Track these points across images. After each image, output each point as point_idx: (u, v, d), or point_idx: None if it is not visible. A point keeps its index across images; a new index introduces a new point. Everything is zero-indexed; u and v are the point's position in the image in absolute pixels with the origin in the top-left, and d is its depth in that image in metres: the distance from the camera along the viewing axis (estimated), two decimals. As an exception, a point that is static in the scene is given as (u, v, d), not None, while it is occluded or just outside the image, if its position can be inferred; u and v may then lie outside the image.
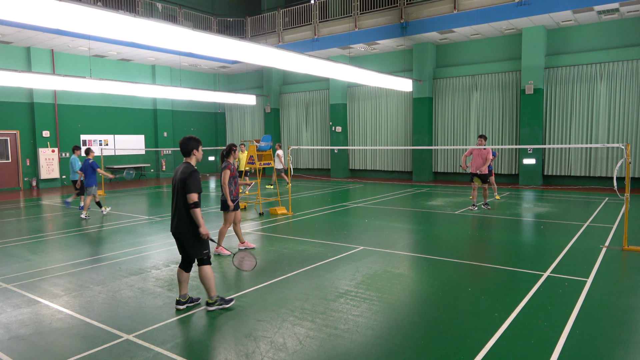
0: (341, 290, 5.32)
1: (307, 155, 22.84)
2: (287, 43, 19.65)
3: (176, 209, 4.66)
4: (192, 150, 4.75)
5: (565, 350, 3.74)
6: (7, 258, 7.10)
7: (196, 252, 4.70)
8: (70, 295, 5.30)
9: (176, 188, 4.65)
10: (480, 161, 10.78)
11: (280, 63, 10.76)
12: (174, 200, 4.69)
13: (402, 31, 16.56)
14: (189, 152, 4.76)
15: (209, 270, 4.73)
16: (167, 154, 22.86)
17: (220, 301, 4.79)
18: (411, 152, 18.99)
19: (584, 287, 5.27)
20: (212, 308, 4.75)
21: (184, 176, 4.57)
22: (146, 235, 8.74)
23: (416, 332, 4.17)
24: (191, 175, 4.58)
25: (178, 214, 4.64)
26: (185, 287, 4.87)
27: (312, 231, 8.81)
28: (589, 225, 8.90)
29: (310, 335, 4.10)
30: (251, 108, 24.60)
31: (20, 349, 3.96)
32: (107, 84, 14.60)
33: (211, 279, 4.73)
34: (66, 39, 16.29)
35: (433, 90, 18.43)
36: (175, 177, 4.72)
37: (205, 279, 4.71)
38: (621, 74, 14.74)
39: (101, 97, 19.96)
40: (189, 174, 4.57)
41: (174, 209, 4.69)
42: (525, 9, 14.23)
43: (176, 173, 4.72)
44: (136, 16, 7.48)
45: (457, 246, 7.62)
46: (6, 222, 10.44)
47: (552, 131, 16.07)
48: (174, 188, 4.69)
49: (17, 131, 17.57)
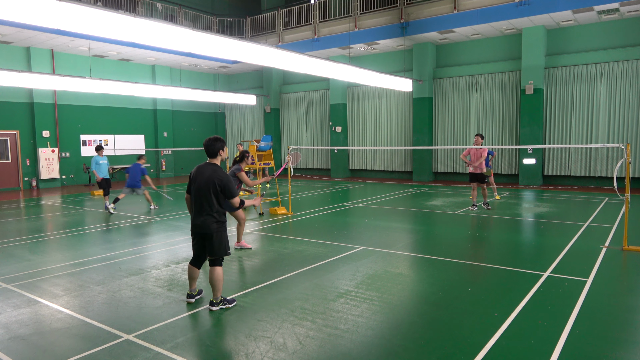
0: (341, 290, 5.32)
1: (307, 155, 22.84)
2: (287, 43, 19.65)
3: (203, 209, 4.67)
4: (218, 151, 4.78)
5: (565, 350, 3.74)
6: (7, 258, 7.10)
7: (220, 251, 4.76)
8: (70, 295, 5.30)
9: (203, 189, 4.64)
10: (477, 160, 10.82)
11: (280, 63, 10.76)
12: (200, 200, 4.67)
13: (402, 31, 16.56)
14: (215, 152, 4.79)
15: (221, 272, 4.78)
16: (167, 154, 22.86)
17: (224, 301, 4.82)
18: (411, 152, 18.99)
19: (584, 287, 5.27)
20: (215, 308, 4.77)
21: (219, 181, 4.63)
22: (146, 235, 8.74)
23: (416, 332, 4.17)
24: (229, 180, 4.71)
25: (205, 214, 4.66)
26: (195, 282, 5.02)
27: (312, 231, 8.81)
28: (589, 225, 8.89)
29: (310, 335, 4.10)
30: (251, 108, 24.60)
31: (20, 349, 3.96)
32: (107, 84, 14.59)
33: (221, 280, 4.78)
34: (66, 39, 16.29)
35: (433, 90, 18.43)
36: (200, 177, 4.68)
37: (216, 280, 4.74)
38: (621, 74, 14.74)
39: (101, 97, 19.96)
40: (228, 180, 4.68)
41: (200, 209, 4.69)
42: (525, 9, 14.23)
43: (201, 173, 4.70)
44: (136, 16, 7.48)
45: (457, 246, 7.62)
46: (6, 222, 10.44)
47: (552, 131, 16.07)
48: (200, 189, 4.66)
49: (17, 131, 17.58)
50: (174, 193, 16.10)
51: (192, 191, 4.77)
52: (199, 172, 4.73)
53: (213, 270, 4.76)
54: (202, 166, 4.77)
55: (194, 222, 4.75)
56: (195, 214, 4.74)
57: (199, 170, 4.75)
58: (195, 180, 4.73)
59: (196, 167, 4.82)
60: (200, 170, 4.74)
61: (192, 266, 4.95)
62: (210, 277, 4.76)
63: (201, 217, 4.69)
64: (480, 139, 10.74)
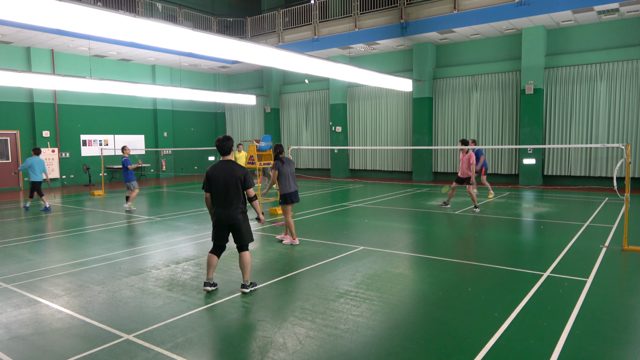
0: (341, 290, 5.32)
1: (307, 155, 22.84)
2: (287, 43, 19.65)
3: (230, 202, 5.09)
4: (230, 148, 5.18)
5: (565, 350, 3.74)
6: (7, 258, 7.10)
7: (248, 238, 5.24)
8: (70, 295, 5.30)
9: (229, 184, 5.06)
10: (465, 166, 10.82)
11: (280, 63, 10.76)
12: (226, 194, 5.07)
13: (402, 31, 16.56)
14: (228, 150, 5.18)
15: (249, 256, 5.28)
16: (167, 154, 22.87)
17: (253, 284, 5.33)
18: (411, 152, 18.99)
19: (584, 287, 5.27)
20: (247, 290, 5.22)
21: (242, 173, 5.10)
22: (146, 235, 8.74)
23: (416, 332, 4.17)
24: (249, 172, 5.23)
25: (233, 206, 5.09)
26: (213, 271, 5.31)
27: (312, 231, 8.81)
28: (589, 225, 8.89)
29: (310, 335, 4.10)
30: (251, 108, 24.60)
31: (20, 349, 3.96)
32: (107, 84, 14.60)
33: (250, 263, 5.26)
34: (66, 39, 16.29)
35: (433, 90, 18.43)
36: (221, 174, 5.08)
37: (246, 263, 5.22)
38: (621, 74, 14.74)
39: (101, 97, 19.96)
40: (247, 172, 5.21)
41: (227, 202, 5.09)
42: (525, 9, 14.23)
43: (222, 170, 5.10)
44: (136, 16, 7.48)
45: (457, 246, 7.62)
46: (6, 222, 10.44)
47: (552, 131, 16.07)
48: (226, 184, 5.06)
49: (17, 131, 17.58)
50: (174, 193, 16.10)
51: (213, 188, 5.11)
52: (219, 170, 5.11)
53: (243, 256, 5.22)
54: (219, 164, 5.15)
55: (220, 216, 5.12)
56: (221, 208, 5.11)
57: (218, 168, 5.12)
58: (217, 178, 5.08)
59: (211, 167, 5.18)
60: (219, 168, 5.12)
61: (212, 254, 5.31)
62: (241, 262, 5.23)
63: (228, 209, 5.09)
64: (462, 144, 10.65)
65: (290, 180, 7.64)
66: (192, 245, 7.79)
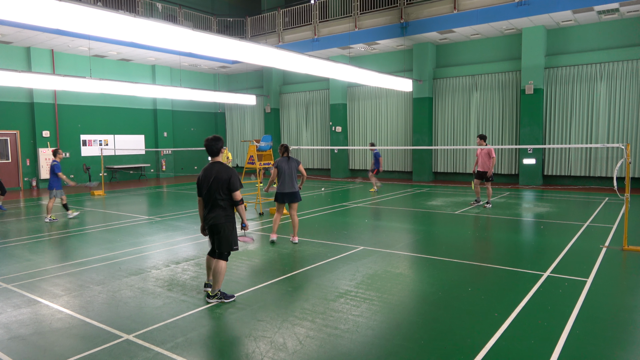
0: (341, 290, 5.32)
1: (307, 155, 22.84)
2: (287, 43, 19.65)
3: (213, 205, 4.93)
4: (220, 149, 5.02)
5: (565, 350, 3.74)
6: (7, 258, 7.10)
7: (227, 246, 4.99)
8: (70, 295, 5.30)
9: (212, 186, 4.89)
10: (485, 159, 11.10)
11: (280, 63, 10.76)
12: (210, 197, 4.92)
13: (402, 31, 16.56)
14: (217, 151, 5.02)
15: (224, 266, 5.01)
16: (167, 154, 22.86)
17: (220, 295, 5.01)
18: (411, 152, 18.99)
19: (584, 287, 5.27)
20: (211, 300, 4.98)
21: (227, 176, 4.88)
22: (146, 235, 8.74)
23: (416, 332, 4.17)
24: (235, 174, 4.96)
25: (216, 209, 4.92)
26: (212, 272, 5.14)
27: (312, 231, 8.81)
28: (589, 225, 8.89)
29: (310, 335, 4.10)
30: (251, 108, 24.59)
31: (20, 349, 3.96)
32: (107, 84, 14.59)
33: (223, 274, 5.00)
34: (66, 39, 16.29)
35: (433, 90, 18.43)
36: (208, 175, 4.91)
37: (217, 272, 4.97)
38: (621, 74, 14.74)
39: (101, 97, 19.96)
40: (233, 174, 4.93)
41: (211, 205, 4.94)
42: (525, 9, 14.23)
43: (209, 172, 4.93)
44: (136, 16, 7.48)
45: (457, 246, 7.62)
46: (6, 222, 10.43)
47: (552, 131, 16.07)
48: (209, 186, 4.89)
49: (17, 131, 17.58)
50: (174, 193, 16.10)
51: (204, 191, 4.98)
52: (208, 173, 4.95)
53: (216, 263, 5.01)
54: (208, 167, 5.02)
55: (206, 217, 5.00)
56: (206, 210, 4.99)
57: (207, 171, 4.97)
58: (205, 181, 4.95)
59: (203, 170, 5.04)
60: (208, 171, 4.97)
61: (209, 257, 5.23)
62: (213, 270, 5.02)
63: (212, 212, 4.95)
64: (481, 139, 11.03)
65: (286, 179, 7.73)
66: (192, 245, 7.79)
